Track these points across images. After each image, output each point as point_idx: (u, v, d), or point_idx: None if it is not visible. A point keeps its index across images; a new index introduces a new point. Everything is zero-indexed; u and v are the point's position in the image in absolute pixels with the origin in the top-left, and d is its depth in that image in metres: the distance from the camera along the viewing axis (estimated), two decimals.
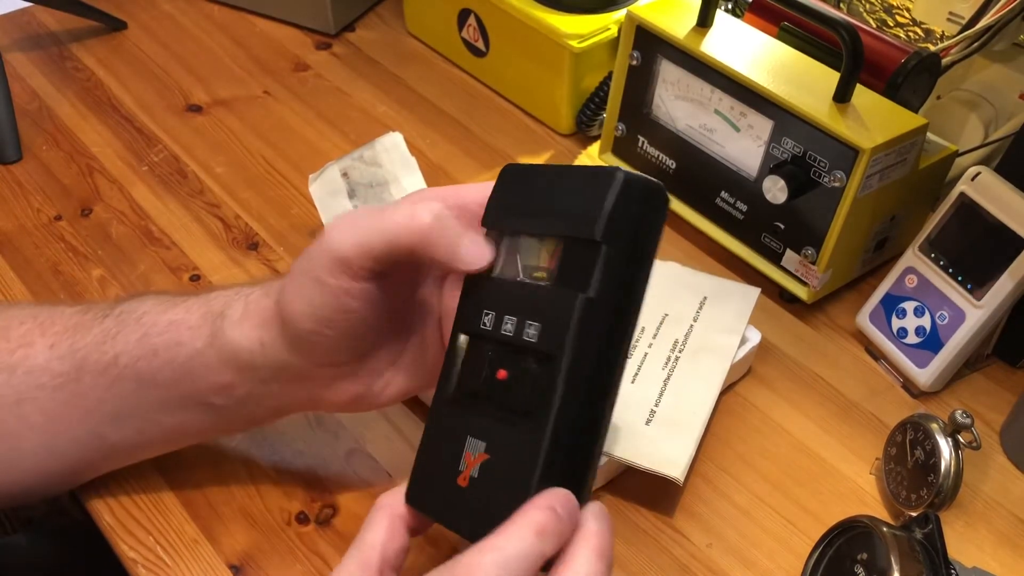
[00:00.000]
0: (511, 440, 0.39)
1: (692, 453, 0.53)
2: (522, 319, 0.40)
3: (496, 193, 0.43)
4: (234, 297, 0.46)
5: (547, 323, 0.39)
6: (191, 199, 0.73)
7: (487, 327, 0.40)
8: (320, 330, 0.42)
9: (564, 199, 0.40)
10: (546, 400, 0.38)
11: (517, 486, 0.37)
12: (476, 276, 0.42)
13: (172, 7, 0.94)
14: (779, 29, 0.69)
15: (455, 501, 0.40)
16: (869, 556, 0.47)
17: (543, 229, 0.40)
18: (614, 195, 0.38)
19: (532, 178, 0.42)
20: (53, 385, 0.46)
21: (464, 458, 0.39)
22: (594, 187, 0.39)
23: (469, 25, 0.83)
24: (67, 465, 0.49)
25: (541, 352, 0.39)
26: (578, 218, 0.39)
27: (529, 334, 0.39)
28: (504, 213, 0.42)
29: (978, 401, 0.61)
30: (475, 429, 0.40)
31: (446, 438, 0.41)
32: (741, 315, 0.60)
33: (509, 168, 0.43)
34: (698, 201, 0.70)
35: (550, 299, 0.39)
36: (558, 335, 0.38)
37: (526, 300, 0.40)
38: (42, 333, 0.47)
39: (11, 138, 0.75)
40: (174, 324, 0.45)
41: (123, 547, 0.50)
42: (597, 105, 0.78)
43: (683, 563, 0.52)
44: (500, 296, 0.41)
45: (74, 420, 0.47)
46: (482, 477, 0.39)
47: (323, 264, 0.41)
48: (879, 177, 0.60)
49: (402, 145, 0.70)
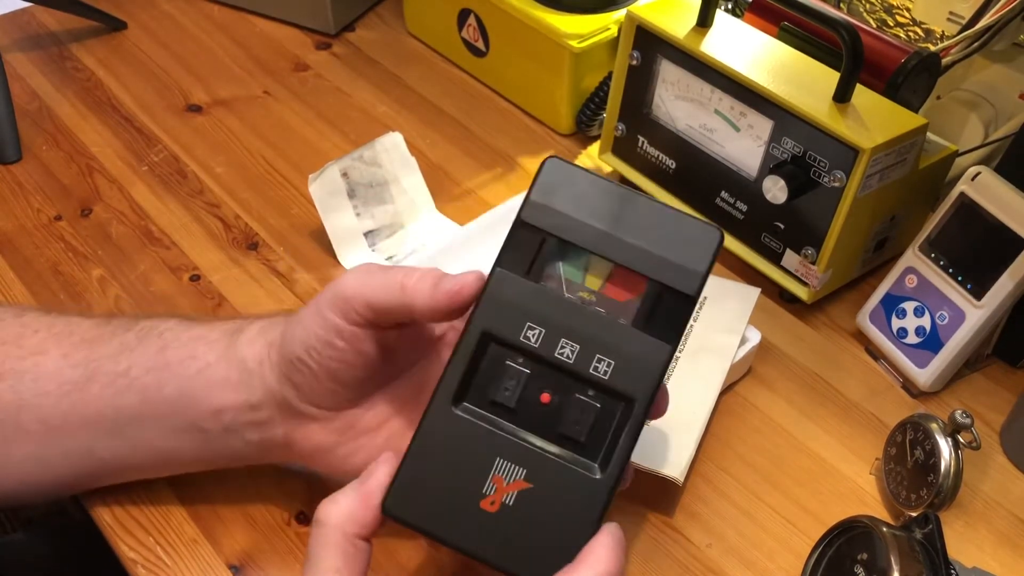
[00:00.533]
0: (563, 474, 0.38)
1: (692, 453, 0.53)
2: (589, 350, 0.38)
3: (542, 186, 0.40)
4: (257, 319, 0.48)
5: (626, 365, 0.38)
6: (191, 199, 0.73)
7: (532, 343, 0.39)
8: (305, 359, 0.43)
9: (650, 235, 0.39)
10: (614, 443, 0.38)
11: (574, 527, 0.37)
12: (510, 275, 0.39)
13: (172, 7, 0.94)
14: (779, 29, 0.69)
15: (475, 524, 0.38)
16: (869, 556, 0.47)
17: (620, 257, 0.39)
18: (713, 253, 0.38)
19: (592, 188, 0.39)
20: (59, 393, 0.47)
21: (492, 480, 0.38)
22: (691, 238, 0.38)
23: (469, 25, 0.83)
24: (54, 478, 0.49)
25: (614, 392, 0.38)
26: (673, 267, 0.38)
27: (600, 370, 0.38)
28: (555, 215, 0.39)
29: (978, 401, 0.61)
30: (508, 451, 0.38)
31: (458, 450, 0.38)
32: (741, 315, 0.60)
33: (554, 163, 0.40)
34: (698, 201, 0.70)
35: (628, 340, 0.38)
36: (641, 382, 0.38)
37: (592, 329, 0.38)
38: (57, 343, 0.48)
39: (11, 138, 0.75)
40: (194, 339, 0.47)
41: (123, 547, 0.50)
42: (597, 105, 0.78)
43: (683, 563, 0.52)
44: (550, 312, 0.39)
45: (71, 431, 0.47)
46: (520, 506, 0.38)
47: (327, 297, 0.42)
48: (879, 177, 0.60)
49: (402, 145, 0.70)
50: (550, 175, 0.40)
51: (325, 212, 0.66)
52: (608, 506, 0.38)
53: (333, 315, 0.42)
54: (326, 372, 0.43)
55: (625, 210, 0.39)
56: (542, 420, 0.38)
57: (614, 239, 0.39)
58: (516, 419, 0.39)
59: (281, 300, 0.65)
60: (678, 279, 0.38)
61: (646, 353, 0.38)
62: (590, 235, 0.39)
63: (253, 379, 0.45)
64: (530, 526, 0.37)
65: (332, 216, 0.67)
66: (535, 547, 0.37)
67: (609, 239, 0.39)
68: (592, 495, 0.38)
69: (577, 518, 0.37)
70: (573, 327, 0.38)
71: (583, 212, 0.39)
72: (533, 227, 0.39)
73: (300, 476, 0.54)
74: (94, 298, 0.65)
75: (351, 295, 0.42)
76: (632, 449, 0.38)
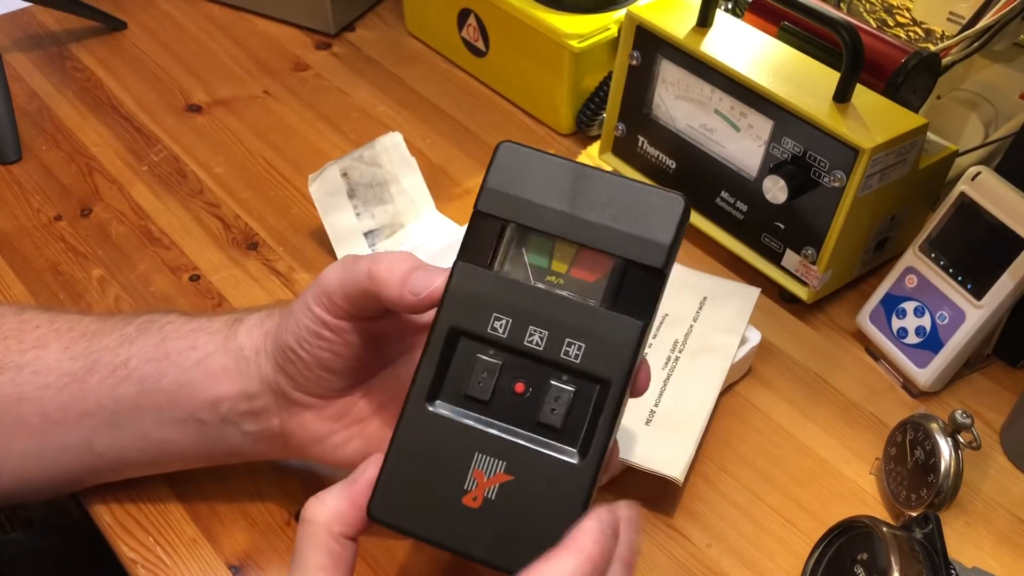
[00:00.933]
0: (543, 463, 0.37)
1: (692, 453, 0.53)
2: (558, 335, 0.38)
3: (496, 173, 0.39)
4: (256, 310, 0.48)
5: (597, 346, 0.37)
6: (191, 199, 0.73)
7: (500, 333, 0.38)
8: (296, 350, 0.44)
9: (611, 211, 0.38)
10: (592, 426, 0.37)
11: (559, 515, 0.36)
12: (473, 267, 0.38)
13: (172, 7, 0.94)
14: (779, 29, 0.69)
15: (459, 521, 0.37)
16: (869, 556, 0.47)
17: (583, 237, 0.38)
18: (678, 223, 0.37)
19: (548, 169, 0.39)
20: (59, 385, 0.47)
21: (473, 476, 0.37)
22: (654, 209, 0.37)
23: (469, 25, 0.83)
24: (53, 474, 0.49)
25: (588, 375, 0.37)
26: (638, 241, 0.37)
27: (571, 354, 0.37)
28: (512, 201, 0.39)
29: (978, 401, 0.61)
30: (486, 445, 0.38)
31: (436, 448, 0.38)
32: (741, 315, 0.60)
33: (508, 147, 0.39)
34: (698, 201, 0.70)
35: (598, 320, 0.37)
36: (614, 362, 0.37)
37: (559, 314, 0.38)
38: (58, 337, 0.48)
39: (11, 138, 0.75)
40: (194, 330, 0.47)
41: (122, 547, 0.50)
42: (597, 105, 0.78)
43: (683, 563, 0.52)
44: (515, 301, 0.38)
45: (70, 423, 0.47)
46: (503, 499, 0.37)
47: (312, 291, 0.43)
48: (879, 177, 0.60)
49: (402, 145, 0.70)
50: (504, 160, 0.39)
51: (325, 212, 0.66)
52: (592, 490, 0.37)
53: (318, 308, 0.43)
54: (317, 362, 0.44)
55: (584, 188, 0.38)
56: (518, 410, 0.38)
57: (575, 219, 0.38)
58: (492, 412, 0.38)
59: (281, 300, 0.65)
60: (645, 253, 0.37)
61: (617, 332, 0.37)
62: (550, 218, 0.38)
63: (250, 368, 0.46)
64: (515, 518, 0.37)
65: (332, 216, 0.67)
66: (522, 539, 0.37)
67: (570, 220, 0.38)
68: (574, 481, 0.37)
69: (561, 506, 0.37)
70: (540, 313, 0.38)
71: (541, 195, 0.38)
72: (491, 216, 0.39)
73: (299, 476, 0.54)
74: (94, 298, 0.65)
75: (331, 289, 0.42)
76: (612, 431, 0.38)
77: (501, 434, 0.38)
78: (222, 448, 0.48)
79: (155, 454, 0.48)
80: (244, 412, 0.46)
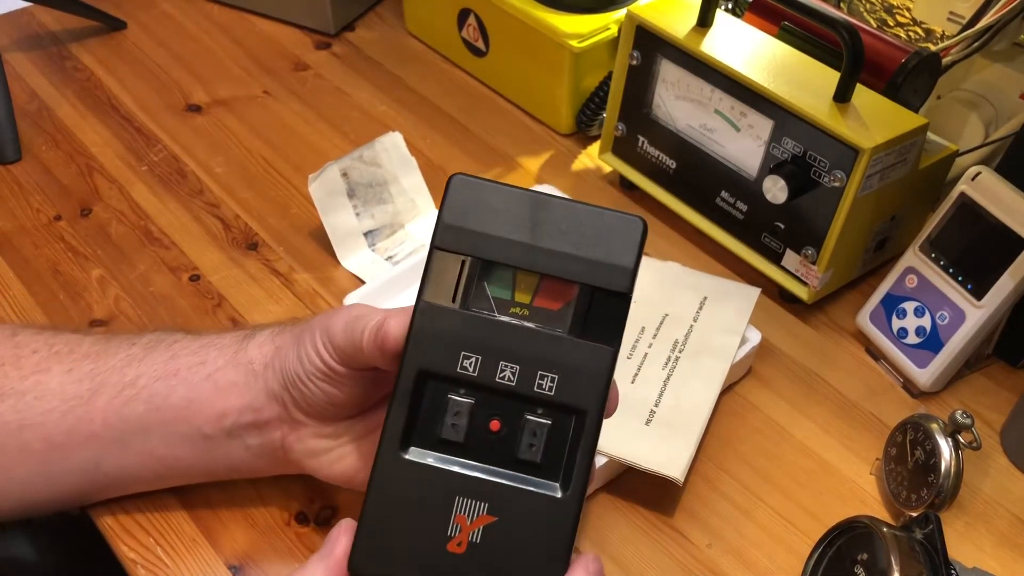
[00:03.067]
0: (526, 500, 0.37)
1: (692, 453, 0.53)
2: (530, 369, 0.37)
3: (451, 207, 0.38)
4: (268, 326, 0.49)
5: (570, 376, 0.37)
6: (191, 199, 0.73)
7: (470, 371, 0.37)
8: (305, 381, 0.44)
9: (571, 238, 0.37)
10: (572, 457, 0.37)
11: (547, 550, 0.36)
12: (434, 307, 0.37)
13: (172, 7, 0.94)
14: (779, 29, 0.69)
15: (446, 569, 0.36)
16: (869, 556, 0.47)
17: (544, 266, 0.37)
18: (639, 246, 0.37)
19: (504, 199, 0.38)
20: (63, 410, 0.47)
21: (455, 521, 0.36)
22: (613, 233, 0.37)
23: (469, 25, 0.83)
24: (58, 495, 0.49)
25: (563, 407, 0.37)
26: (600, 266, 0.37)
27: (544, 386, 0.37)
28: (470, 235, 0.38)
29: (978, 401, 0.61)
30: (466, 488, 0.37)
31: (414, 496, 0.37)
32: (741, 315, 0.60)
33: (461, 180, 0.38)
34: (698, 201, 0.70)
35: (568, 350, 0.37)
36: (589, 391, 0.37)
37: (529, 346, 0.37)
38: (59, 360, 0.48)
39: (11, 138, 0.75)
40: (204, 346, 0.48)
41: (122, 547, 0.50)
42: (597, 105, 0.78)
43: (683, 563, 0.52)
44: (482, 337, 0.37)
45: (76, 446, 0.47)
46: (488, 541, 0.36)
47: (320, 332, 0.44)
48: (879, 177, 0.60)
49: (402, 145, 0.70)
50: (458, 193, 0.38)
51: (325, 212, 0.66)
52: (577, 522, 0.37)
53: (325, 355, 0.43)
54: (324, 395, 0.44)
55: (542, 216, 0.38)
56: (495, 449, 0.37)
57: (535, 249, 0.37)
58: (468, 453, 0.37)
59: (280, 300, 0.65)
60: (608, 278, 0.37)
61: (588, 360, 0.37)
62: (509, 249, 0.37)
63: (258, 381, 0.46)
64: (502, 559, 0.36)
65: (332, 216, 0.67)
66: None
67: (530, 250, 0.37)
68: (560, 515, 0.37)
69: (548, 541, 0.36)
70: (509, 348, 0.37)
71: (499, 226, 0.37)
72: (450, 251, 0.38)
73: (299, 478, 0.54)
74: (94, 298, 0.65)
75: (336, 342, 0.43)
76: (592, 461, 0.37)
77: (480, 475, 0.37)
78: (224, 464, 0.48)
79: (160, 471, 0.49)
80: (248, 424, 0.46)
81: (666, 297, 0.61)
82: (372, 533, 0.37)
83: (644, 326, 0.59)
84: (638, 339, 0.59)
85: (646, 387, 0.56)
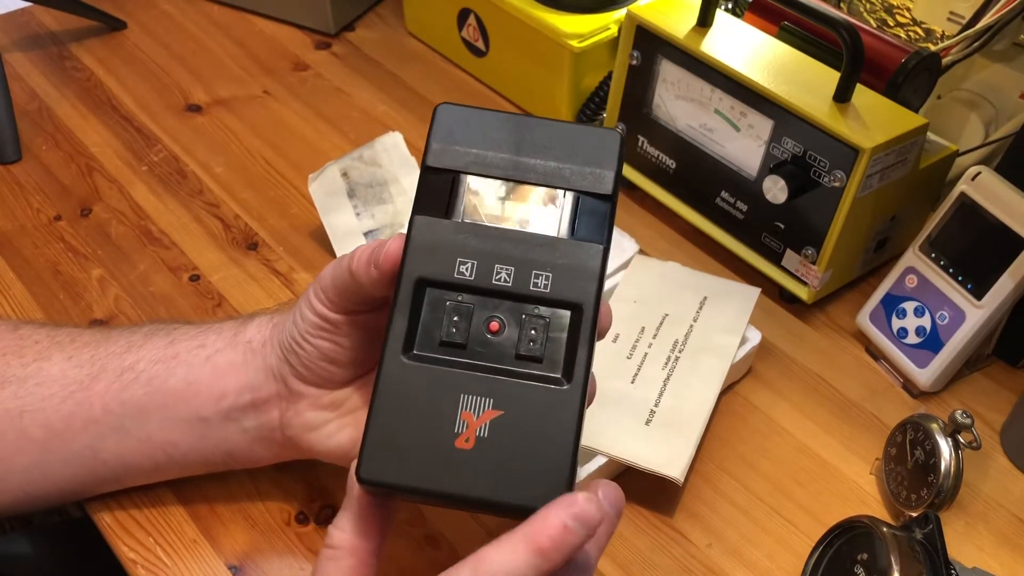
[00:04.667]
0: (530, 392, 0.37)
1: (692, 453, 0.53)
2: (525, 269, 0.39)
3: (439, 131, 0.40)
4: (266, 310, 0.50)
5: (564, 272, 0.38)
6: (191, 199, 0.73)
7: (467, 276, 0.38)
8: (300, 341, 0.45)
9: (554, 151, 0.40)
10: (572, 350, 0.38)
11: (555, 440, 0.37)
12: (429, 220, 0.39)
13: (172, 7, 0.94)
14: (779, 29, 0.69)
15: (456, 466, 0.37)
16: (869, 556, 0.47)
17: (531, 177, 0.40)
18: (618, 153, 0.40)
19: (488, 121, 0.40)
20: (63, 395, 0.47)
21: (461, 417, 0.37)
22: (593, 144, 0.40)
23: (469, 25, 0.83)
24: (56, 486, 0.49)
25: (560, 302, 0.38)
26: (584, 174, 0.39)
27: (540, 284, 0.38)
28: (460, 154, 0.40)
29: (978, 401, 0.61)
30: (470, 385, 0.37)
31: (420, 398, 0.37)
32: (741, 315, 0.60)
33: (447, 107, 0.41)
34: (698, 201, 0.70)
35: (560, 250, 0.39)
36: (583, 285, 0.38)
37: (522, 249, 0.39)
38: (60, 348, 0.49)
39: (11, 138, 0.75)
40: (204, 331, 0.49)
41: (122, 547, 0.50)
42: (597, 105, 0.78)
43: (683, 563, 0.52)
44: (477, 243, 0.39)
45: (75, 432, 0.47)
46: (496, 435, 0.37)
47: (313, 289, 0.45)
48: (879, 177, 0.60)
49: (402, 145, 0.70)
50: (444, 119, 0.40)
51: (325, 212, 0.66)
52: (582, 412, 0.38)
53: (317, 304, 0.44)
54: (319, 353, 0.45)
55: (524, 134, 0.40)
56: (497, 348, 0.38)
57: (521, 162, 0.40)
58: (470, 353, 0.38)
59: (280, 300, 0.65)
60: (594, 183, 0.39)
61: (580, 257, 0.39)
62: (497, 163, 0.40)
63: (256, 359, 0.47)
64: (511, 451, 0.37)
65: (332, 216, 0.67)
66: (521, 470, 0.37)
67: (516, 163, 0.40)
68: (564, 405, 0.37)
69: (555, 430, 0.37)
70: (503, 252, 0.39)
71: (485, 145, 0.40)
72: (440, 169, 0.40)
73: (299, 477, 0.54)
74: (94, 298, 0.65)
75: (326, 285, 0.44)
76: (591, 354, 0.38)
77: (484, 373, 0.38)
78: (222, 450, 0.48)
79: (158, 458, 0.49)
80: (246, 405, 0.47)
81: (666, 297, 0.61)
82: (379, 440, 0.37)
83: (644, 326, 0.59)
84: (638, 339, 0.59)
85: (646, 387, 0.56)
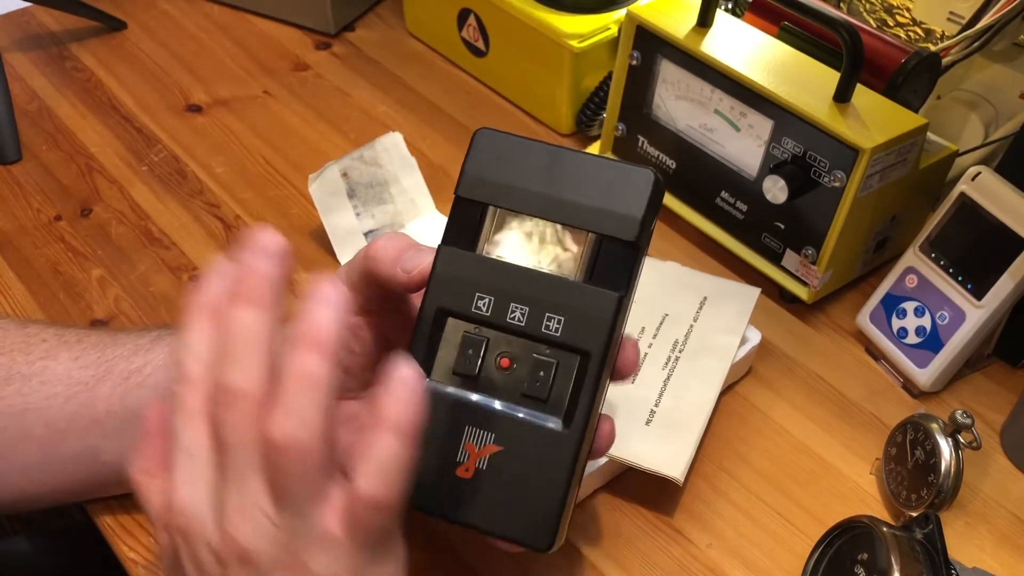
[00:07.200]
0: (530, 432, 0.39)
1: (692, 453, 0.53)
2: (538, 311, 0.39)
3: (475, 159, 0.41)
4: None
5: (576, 319, 0.39)
6: (191, 199, 0.73)
7: (483, 311, 0.40)
8: None
9: (584, 189, 0.40)
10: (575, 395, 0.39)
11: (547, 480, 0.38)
12: (455, 250, 0.40)
13: (172, 7, 0.94)
14: (779, 29, 0.69)
15: (454, 492, 0.39)
16: (869, 556, 0.47)
17: (558, 216, 0.40)
18: (648, 197, 0.39)
19: (524, 152, 0.41)
20: (67, 395, 0.47)
21: (465, 448, 0.39)
22: (625, 184, 0.39)
23: (469, 25, 0.83)
24: (56, 485, 0.49)
25: (568, 347, 0.39)
26: (611, 216, 0.39)
27: (551, 327, 0.39)
28: (490, 186, 0.41)
29: (978, 401, 0.61)
30: (476, 418, 0.39)
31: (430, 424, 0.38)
32: (741, 315, 0.60)
33: (486, 133, 0.41)
34: (698, 201, 0.70)
35: (575, 294, 0.39)
36: (593, 333, 0.39)
37: (539, 290, 0.39)
38: (68, 348, 0.48)
39: (11, 138, 0.75)
40: None
41: (123, 548, 0.50)
42: (597, 105, 0.78)
43: (683, 563, 0.52)
44: (496, 280, 0.40)
45: (77, 432, 0.47)
46: (494, 469, 0.39)
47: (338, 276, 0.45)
48: (879, 177, 0.60)
49: (402, 145, 0.70)
50: (482, 146, 0.41)
51: (325, 212, 0.66)
52: (578, 457, 0.39)
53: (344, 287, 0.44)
54: None
55: (559, 168, 0.40)
56: (505, 384, 0.40)
57: (550, 199, 0.40)
58: (480, 386, 0.40)
59: None
60: (618, 227, 0.39)
61: (595, 304, 0.39)
62: (526, 199, 0.40)
63: None
64: (505, 486, 0.39)
65: (332, 216, 0.67)
66: (513, 504, 0.39)
67: (546, 200, 0.40)
68: (560, 448, 0.39)
69: (549, 471, 0.39)
70: (520, 291, 0.40)
71: (517, 177, 0.40)
72: (470, 200, 0.41)
73: None
74: (94, 298, 0.65)
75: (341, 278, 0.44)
76: (595, 400, 0.39)
77: (489, 407, 0.40)
78: None
79: None
80: None
81: (666, 297, 0.61)
82: None
83: (644, 326, 0.59)
84: (638, 339, 0.59)
85: (646, 387, 0.56)
